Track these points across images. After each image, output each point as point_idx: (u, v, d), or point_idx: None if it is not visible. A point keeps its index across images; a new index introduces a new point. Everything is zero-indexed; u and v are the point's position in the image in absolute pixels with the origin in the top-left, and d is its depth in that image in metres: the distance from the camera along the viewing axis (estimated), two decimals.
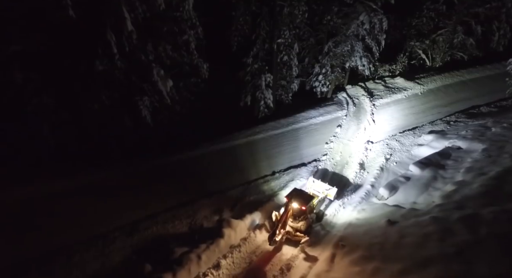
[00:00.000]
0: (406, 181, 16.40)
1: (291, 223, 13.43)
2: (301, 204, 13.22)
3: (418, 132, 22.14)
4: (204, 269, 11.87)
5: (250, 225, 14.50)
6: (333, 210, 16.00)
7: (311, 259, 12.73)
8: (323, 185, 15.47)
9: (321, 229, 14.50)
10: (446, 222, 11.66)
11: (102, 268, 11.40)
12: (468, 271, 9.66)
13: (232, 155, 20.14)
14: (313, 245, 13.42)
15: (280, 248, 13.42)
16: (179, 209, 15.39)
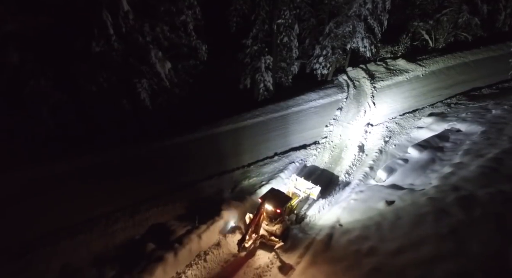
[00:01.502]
0: (404, 164, 16.52)
1: (266, 226, 12.28)
2: (276, 207, 11.88)
3: (418, 115, 22.07)
4: (205, 248, 12.21)
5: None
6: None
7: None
8: (306, 183, 14.36)
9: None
10: (442, 203, 11.87)
11: (105, 247, 11.76)
12: (461, 250, 9.95)
13: (232, 138, 20.20)
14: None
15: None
16: (180, 191, 15.63)
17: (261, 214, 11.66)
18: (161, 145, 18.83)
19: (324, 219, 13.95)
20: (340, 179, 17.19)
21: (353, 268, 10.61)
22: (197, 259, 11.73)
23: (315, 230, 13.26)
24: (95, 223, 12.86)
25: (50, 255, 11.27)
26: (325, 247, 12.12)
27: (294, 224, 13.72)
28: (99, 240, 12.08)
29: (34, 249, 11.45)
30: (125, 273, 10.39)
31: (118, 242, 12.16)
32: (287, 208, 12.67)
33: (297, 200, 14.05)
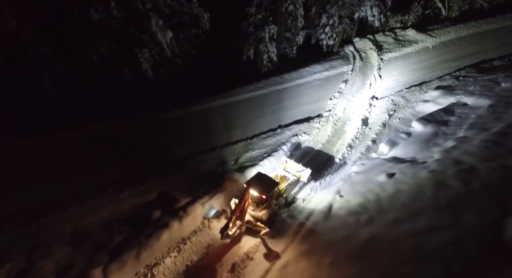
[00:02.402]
0: (407, 137, 16.48)
1: (252, 212, 11.93)
2: (262, 192, 11.34)
3: (424, 88, 21.60)
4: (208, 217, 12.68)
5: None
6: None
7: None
8: (297, 165, 14.06)
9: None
10: (442, 176, 11.98)
11: (113, 213, 12.26)
12: (457, 221, 10.20)
13: (235, 111, 20.12)
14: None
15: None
16: (184, 162, 15.90)
17: (246, 200, 11.15)
18: (163, 117, 18.86)
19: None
20: (335, 160, 16.78)
21: (351, 237, 10.99)
22: (201, 226, 12.20)
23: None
24: (102, 192, 13.27)
25: (61, 220, 11.80)
26: (324, 217, 12.48)
27: (283, 207, 13.34)
28: (107, 207, 12.55)
29: (45, 214, 11.96)
30: (133, 238, 10.92)
31: (125, 209, 12.63)
32: (275, 192, 12.26)
33: (286, 183, 13.58)
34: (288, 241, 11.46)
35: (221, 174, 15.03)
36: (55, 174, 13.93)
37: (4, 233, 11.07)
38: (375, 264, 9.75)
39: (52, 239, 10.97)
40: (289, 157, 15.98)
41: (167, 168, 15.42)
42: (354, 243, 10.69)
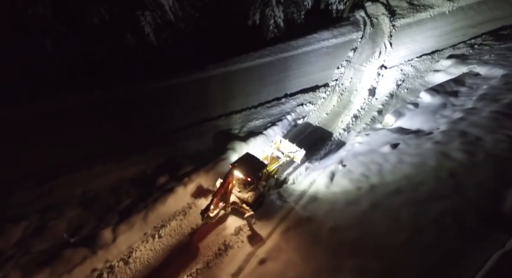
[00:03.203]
0: (414, 108, 16.18)
1: (238, 193, 11.50)
2: (247, 174, 10.81)
3: (436, 57, 20.75)
4: (212, 183, 12.96)
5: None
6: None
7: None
8: (291, 146, 13.59)
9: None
10: (446, 147, 11.93)
11: (119, 179, 12.61)
12: (457, 191, 10.33)
13: (239, 79, 19.72)
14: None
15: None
16: (187, 130, 15.96)
17: (229, 183, 10.65)
18: (167, 83, 18.58)
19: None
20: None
21: (352, 205, 11.26)
22: (206, 192, 12.54)
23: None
24: (109, 157, 13.52)
25: (70, 183, 12.21)
26: (327, 185, 12.69)
27: (273, 188, 12.90)
28: (114, 172, 12.86)
29: (55, 177, 12.35)
30: (140, 201, 11.34)
31: (132, 174, 12.95)
32: (264, 173, 11.85)
33: (277, 165, 13.10)
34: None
35: (225, 142, 15.14)
36: (61, 139, 14.15)
37: (18, 194, 11.55)
38: (373, 231, 10.08)
39: (63, 201, 11.47)
40: (286, 134, 15.71)
41: (171, 135, 15.52)
42: (355, 210, 10.97)
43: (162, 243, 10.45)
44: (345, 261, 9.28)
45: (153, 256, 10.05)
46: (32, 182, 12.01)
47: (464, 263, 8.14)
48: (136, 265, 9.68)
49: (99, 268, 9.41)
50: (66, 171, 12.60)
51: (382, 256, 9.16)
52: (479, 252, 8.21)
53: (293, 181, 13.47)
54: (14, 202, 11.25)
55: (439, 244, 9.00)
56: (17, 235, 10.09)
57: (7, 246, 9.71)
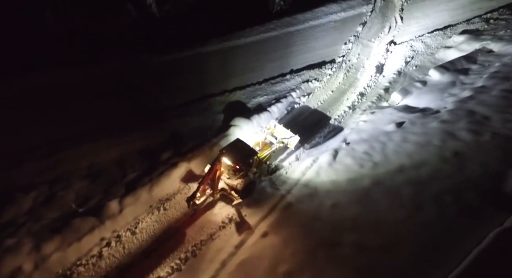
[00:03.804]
0: (422, 86, 15.84)
1: (227, 180, 11.19)
2: (235, 162, 10.47)
3: (449, 33, 19.96)
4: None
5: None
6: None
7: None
8: (285, 131, 13.11)
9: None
10: (452, 127, 11.80)
11: (124, 152, 12.74)
12: (460, 171, 10.36)
13: (243, 53, 19.24)
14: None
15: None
16: (191, 105, 15.87)
17: (216, 170, 10.32)
18: (169, 58, 18.21)
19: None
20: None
21: (354, 182, 11.38)
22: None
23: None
24: (113, 132, 13.59)
25: (76, 156, 12.39)
26: (330, 163, 12.75)
27: (265, 175, 12.56)
28: (119, 146, 12.96)
29: (62, 150, 12.50)
30: (145, 175, 11.56)
31: (136, 149, 13.05)
32: (256, 160, 11.55)
33: (270, 151, 12.70)
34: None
35: (229, 117, 15.09)
36: (66, 112, 14.17)
37: (26, 164, 11.79)
38: (374, 208, 10.26)
39: (70, 173, 11.71)
40: (281, 119, 15.32)
41: (175, 110, 15.46)
42: (356, 188, 11.11)
43: (167, 216, 10.77)
44: (344, 236, 9.53)
45: (159, 228, 10.38)
46: (39, 153, 12.19)
47: (462, 240, 8.33)
48: (143, 236, 10.04)
49: (107, 237, 9.79)
50: (72, 144, 12.73)
51: (381, 232, 9.38)
52: (478, 230, 8.36)
53: (288, 169, 12.90)
54: (23, 172, 11.50)
55: (438, 221, 9.17)
56: (28, 204, 10.45)
57: (19, 214, 10.09)
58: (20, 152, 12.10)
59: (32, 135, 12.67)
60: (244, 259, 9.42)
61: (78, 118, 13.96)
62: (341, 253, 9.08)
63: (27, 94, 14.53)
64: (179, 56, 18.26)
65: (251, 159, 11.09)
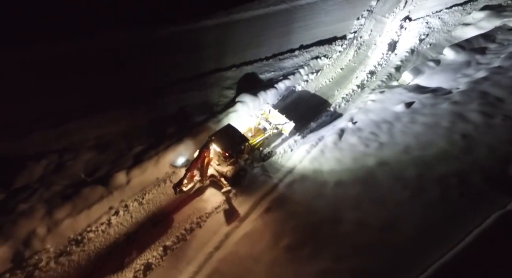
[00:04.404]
0: (435, 66, 15.34)
1: (217, 166, 10.92)
2: (225, 149, 10.15)
3: (468, 9, 18.96)
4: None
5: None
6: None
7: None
8: (280, 117, 12.58)
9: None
10: (463, 108, 11.56)
11: (131, 125, 12.81)
12: (466, 153, 10.28)
13: (251, 27, 18.66)
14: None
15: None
16: (198, 80, 15.69)
17: (205, 157, 10.03)
18: (175, 30, 17.76)
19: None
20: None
21: (359, 161, 11.40)
22: None
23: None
24: (121, 104, 13.60)
25: (84, 127, 12.51)
26: (335, 142, 12.72)
27: (257, 161, 12.18)
28: (126, 119, 13.01)
29: (70, 121, 12.64)
30: (151, 149, 11.70)
31: (143, 122, 13.10)
32: (247, 146, 11.15)
33: (262, 137, 12.22)
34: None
35: (235, 93, 14.95)
36: (73, 83, 14.16)
37: (36, 133, 11.99)
38: (377, 187, 10.35)
39: (78, 143, 11.91)
40: (278, 104, 14.77)
41: (181, 85, 15.31)
42: (361, 167, 11.16)
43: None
44: (347, 214, 9.71)
45: (165, 199, 10.67)
46: (48, 123, 12.33)
47: (464, 221, 8.42)
48: (149, 206, 10.36)
49: (115, 206, 10.14)
50: (79, 115, 12.82)
51: (383, 211, 9.54)
52: (480, 211, 8.43)
53: (282, 156, 12.56)
54: (33, 141, 11.72)
55: (441, 203, 9.25)
56: (39, 172, 10.76)
57: (31, 181, 10.42)
58: (29, 121, 12.25)
59: (41, 106, 12.78)
60: (247, 231, 9.71)
61: (85, 90, 13.96)
62: (342, 230, 9.30)
63: (34, 65, 14.49)
64: (185, 28, 17.81)
65: (242, 146, 10.70)
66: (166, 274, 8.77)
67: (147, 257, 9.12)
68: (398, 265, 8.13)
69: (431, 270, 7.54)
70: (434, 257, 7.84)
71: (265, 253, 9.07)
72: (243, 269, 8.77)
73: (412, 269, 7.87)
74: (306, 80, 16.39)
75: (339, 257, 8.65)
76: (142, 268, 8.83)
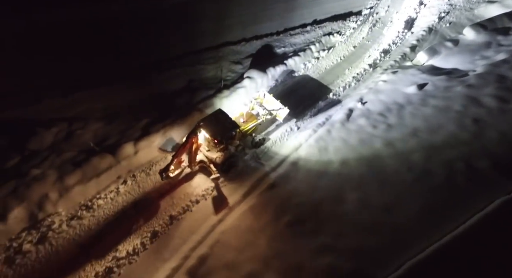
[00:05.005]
0: (452, 46, 14.71)
1: (206, 152, 10.69)
2: (214, 135, 9.86)
3: None
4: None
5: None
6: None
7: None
8: (274, 102, 12.17)
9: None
10: (477, 92, 11.21)
11: (137, 98, 12.74)
12: (476, 138, 10.10)
13: (262, 2, 17.89)
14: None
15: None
16: (206, 53, 15.40)
17: (192, 143, 9.77)
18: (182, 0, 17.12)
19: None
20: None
21: (366, 142, 11.33)
22: None
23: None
24: (127, 77, 13.50)
25: (92, 97, 12.53)
26: (343, 122, 12.59)
27: (249, 147, 11.91)
28: (132, 91, 12.96)
29: (79, 90, 12.64)
30: (158, 121, 11.75)
31: (150, 94, 13.06)
32: (238, 133, 10.81)
33: (255, 123, 11.83)
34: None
35: (243, 69, 14.71)
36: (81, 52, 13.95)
37: (46, 101, 12.06)
38: (382, 168, 10.35)
39: (86, 113, 12.02)
40: (275, 89, 14.27)
41: (190, 57, 15.07)
42: (367, 148, 11.11)
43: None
44: (349, 194, 9.81)
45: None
46: (57, 92, 12.36)
47: (467, 206, 8.43)
48: (157, 177, 10.56)
49: (123, 176, 10.41)
50: (88, 85, 12.80)
51: (386, 193, 9.59)
52: (485, 198, 8.39)
53: (276, 143, 12.30)
54: (43, 109, 11.85)
55: (445, 187, 9.24)
56: (50, 139, 10.99)
57: (42, 148, 10.67)
58: (39, 89, 12.27)
59: (50, 74, 12.73)
60: (252, 205, 9.95)
61: (93, 60, 13.80)
62: (344, 209, 9.45)
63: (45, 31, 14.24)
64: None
65: (232, 132, 10.37)
66: (171, 242, 9.15)
67: (153, 225, 9.48)
68: (397, 245, 8.30)
69: (429, 250, 7.70)
70: (433, 239, 7.96)
71: (267, 227, 9.33)
72: (244, 241, 9.08)
73: (410, 250, 8.04)
74: (317, 58, 15.98)
75: (339, 235, 8.85)
76: (148, 235, 9.21)
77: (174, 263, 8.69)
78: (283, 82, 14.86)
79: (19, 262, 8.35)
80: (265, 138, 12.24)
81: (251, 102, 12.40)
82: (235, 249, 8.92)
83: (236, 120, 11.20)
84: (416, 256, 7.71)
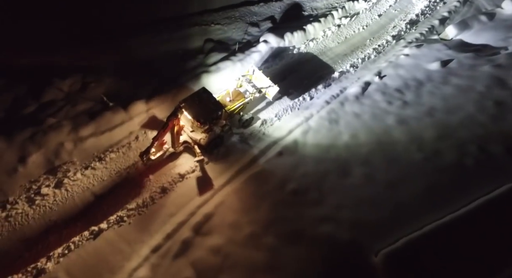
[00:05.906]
0: (487, 21, 13.67)
1: (190, 133, 10.21)
2: (197, 117, 9.27)
3: None
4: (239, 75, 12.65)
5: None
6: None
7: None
8: (264, 79, 11.28)
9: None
10: (505, 72, 10.66)
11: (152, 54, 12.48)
12: (494, 122, 9.84)
13: None
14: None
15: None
16: (223, 13, 14.67)
17: (173, 125, 9.33)
18: None
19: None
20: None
21: (378, 117, 11.15)
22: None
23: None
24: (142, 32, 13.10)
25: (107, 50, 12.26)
26: (357, 96, 12.27)
27: (237, 127, 11.30)
28: (147, 46, 12.57)
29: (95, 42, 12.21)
30: (171, 81, 11.65)
31: (164, 52, 12.73)
32: (224, 112, 10.11)
33: (242, 102, 11.09)
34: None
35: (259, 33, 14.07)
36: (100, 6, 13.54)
37: (61, 54, 11.88)
38: (391, 146, 10.31)
39: (100, 67, 11.90)
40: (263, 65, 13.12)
41: (207, 17, 14.39)
42: (379, 124, 10.97)
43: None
44: (355, 168, 9.90)
45: None
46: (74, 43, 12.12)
47: (474, 189, 8.43)
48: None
49: (135, 131, 10.58)
50: (103, 38, 12.52)
51: (392, 170, 9.65)
52: (493, 182, 8.36)
53: (267, 124, 11.65)
54: (59, 58, 11.76)
55: (454, 168, 9.22)
56: (65, 89, 11.09)
57: (57, 98, 10.82)
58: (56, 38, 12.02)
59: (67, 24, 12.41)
60: (257, 171, 10.16)
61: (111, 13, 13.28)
62: (348, 182, 9.60)
63: None
64: None
65: (217, 113, 9.75)
66: (179, 199, 9.56)
67: (162, 181, 9.85)
68: (396, 220, 8.53)
69: (427, 228, 7.89)
70: (434, 217, 8.12)
71: (271, 193, 9.61)
72: (248, 204, 9.44)
73: (409, 226, 8.26)
74: (338, 25, 15.13)
75: (341, 207, 9.10)
76: (158, 191, 9.62)
77: (180, 218, 9.16)
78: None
79: (39, 203, 8.96)
80: (253, 117, 11.47)
81: (239, 79, 11.50)
82: (239, 211, 9.29)
83: (222, 99, 10.78)
84: (413, 233, 7.94)
